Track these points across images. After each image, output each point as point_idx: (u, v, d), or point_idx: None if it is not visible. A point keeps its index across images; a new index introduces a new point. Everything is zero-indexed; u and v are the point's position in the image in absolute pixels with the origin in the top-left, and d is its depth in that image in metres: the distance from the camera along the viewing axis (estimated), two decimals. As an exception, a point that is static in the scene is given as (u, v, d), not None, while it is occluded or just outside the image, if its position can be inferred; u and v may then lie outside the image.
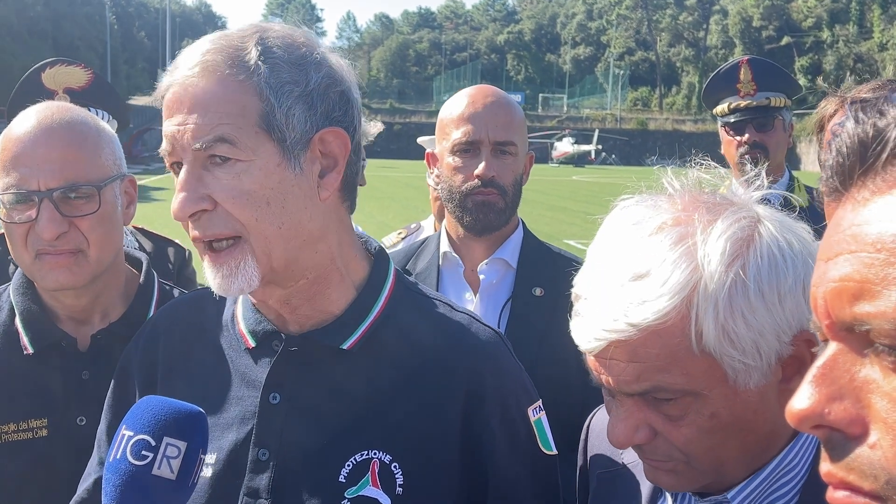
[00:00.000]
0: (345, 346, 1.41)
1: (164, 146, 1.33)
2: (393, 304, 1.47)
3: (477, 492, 1.44)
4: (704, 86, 3.85)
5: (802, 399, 0.65)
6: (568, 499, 1.61)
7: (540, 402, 1.53)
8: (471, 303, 2.40)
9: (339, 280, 1.43)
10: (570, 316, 2.26)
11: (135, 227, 2.76)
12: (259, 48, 1.30)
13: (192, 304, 1.60)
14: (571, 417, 2.29)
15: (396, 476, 1.38)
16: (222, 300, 1.50)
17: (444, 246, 2.47)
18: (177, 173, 1.32)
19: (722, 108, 3.68)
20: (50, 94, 2.78)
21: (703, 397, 1.10)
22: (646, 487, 1.34)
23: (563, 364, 2.29)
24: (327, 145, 1.36)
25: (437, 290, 2.39)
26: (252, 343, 1.45)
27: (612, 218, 1.17)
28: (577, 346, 2.23)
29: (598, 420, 1.52)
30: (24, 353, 1.83)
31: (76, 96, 2.80)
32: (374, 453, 1.38)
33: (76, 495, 1.59)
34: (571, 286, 2.32)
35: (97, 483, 1.55)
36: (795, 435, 1.17)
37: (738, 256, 1.07)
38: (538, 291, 2.36)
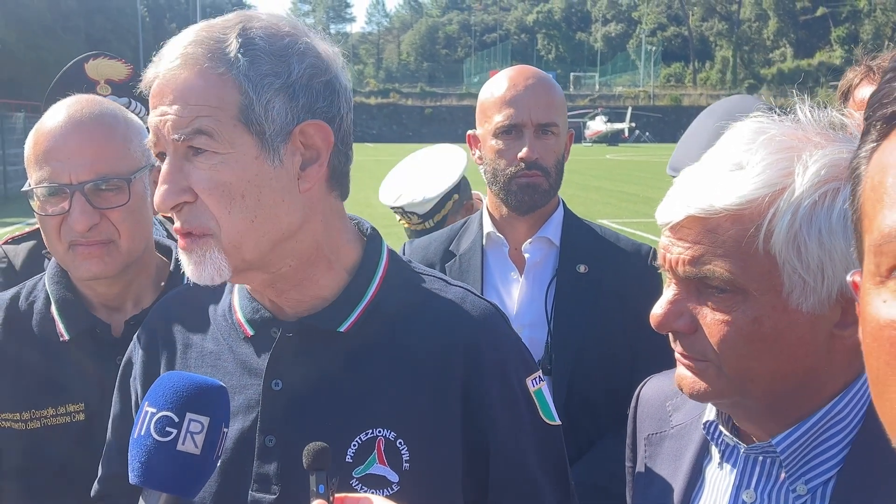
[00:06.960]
0: (341, 329, 1.42)
1: (150, 137, 1.35)
2: (387, 284, 1.47)
3: (481, 464, 1.45)
4: None
5: None
6: (618, 472, 1.62)
7: (540, 373, 1.54)
8: (516, 282, 2.42)
9: (326, 266, 1.44)
10: (615, 295, 2.26)
11: (165, 216, 2.81)
12: (240, 40, 1.30)
13: (187, 297, 1.61)
14: (620, 392, 2.31)
15: (402, 452, 1.39)
16: (218, 290, 1.51)
17: (488, 226, 2.48)
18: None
19: None
20: (92, 84, 2.86)
21: (752, 299, 1.11)
22: (692, 447, 1.35)
23: (611, 340, 2.32)
24: (308, 138, 1.35)
25: (482, 271, 2.42)
26: (250, 332, 1.46)
27: (740, 124, 1.19)
28: (623, 321, 2.26)
29: (649, 388, 1.54)
30: (60, 339, 1.90)
31: (116, 87, 2.89)
32: (379, 431, 1.39)
33: (94, 490, 1.63)
34: (614, 262, 2.34)
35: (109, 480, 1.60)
36: (845, 386, 1.16)
37: (834, 179, 1.09)
38: (582, 268, 2.38)
